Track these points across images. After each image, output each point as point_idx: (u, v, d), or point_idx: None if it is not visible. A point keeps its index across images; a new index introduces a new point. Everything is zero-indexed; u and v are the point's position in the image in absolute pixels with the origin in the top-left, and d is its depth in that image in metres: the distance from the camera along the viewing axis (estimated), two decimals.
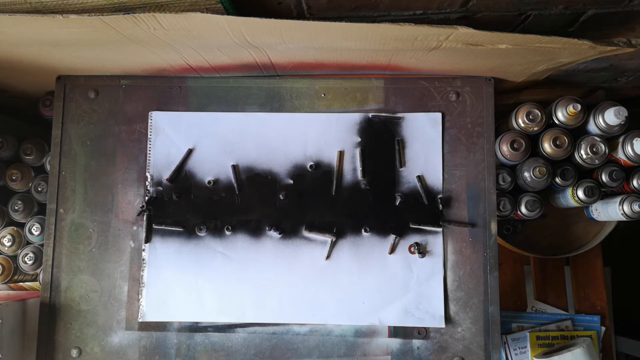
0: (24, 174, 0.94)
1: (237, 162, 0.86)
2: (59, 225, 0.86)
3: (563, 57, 0.74)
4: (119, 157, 0.87)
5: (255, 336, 0.83)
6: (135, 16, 0.62)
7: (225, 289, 0.84)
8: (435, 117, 0.86)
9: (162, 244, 0.85)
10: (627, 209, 0.89)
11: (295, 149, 0.86)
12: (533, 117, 0.86)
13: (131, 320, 0.84)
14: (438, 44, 0.69)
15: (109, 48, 0.75)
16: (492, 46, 0.69)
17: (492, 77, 0.86)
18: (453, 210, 0.84)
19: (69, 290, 0.85)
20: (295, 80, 0.88)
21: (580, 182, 0.90)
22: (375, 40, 0.69)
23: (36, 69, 0.84)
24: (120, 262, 0.85)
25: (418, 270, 0.83)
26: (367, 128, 0.86)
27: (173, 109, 0.88)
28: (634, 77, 0.92)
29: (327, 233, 0.84)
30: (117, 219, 0.86)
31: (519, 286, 1.11)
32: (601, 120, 0.84)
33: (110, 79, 0.89)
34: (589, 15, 0.68)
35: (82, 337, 0.84)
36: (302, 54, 0.78)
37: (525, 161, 0.88)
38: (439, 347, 0.82)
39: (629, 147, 0.84)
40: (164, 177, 0.86)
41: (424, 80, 0.87)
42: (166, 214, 0.86)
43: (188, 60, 0.81)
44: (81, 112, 0.88)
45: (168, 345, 0.83)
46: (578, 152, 0.86)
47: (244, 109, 0.87)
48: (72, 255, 0.86)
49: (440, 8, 0.66)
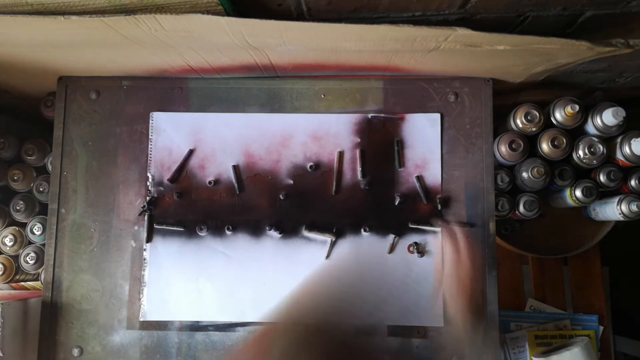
0: (25, 174, 0.94)
1: (238, 163, 0.87)
2: (60, 225, 0.87)
3: (561, 58, 0.75)
4: (121, 157, 0.88)
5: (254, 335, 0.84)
6: (136, 17, 0.62)
7: (225, 289, 0.85)
8: (434, 117, 0.86)
9: (163, 243, 0.86)
10: (625, 209, 0.89)
11: (295, 149, 0.87)
12: (531, 117, 0.86)
13: (132, 319, 0.84)
14: (437, 45, 0.70)
15: (110, 49, 0.75)
16: (490, 47, 0.70)
17: (490, 78, 0.86)
18: (452, 210, 0.84)
19: (70, 289, 0.85)
20: (295, 81, 0.88)
21: (578, 183, 0.90)
22: (374, 42, 0.70)
23: (37, 70, 0.84)
24: (121, 261, 0.86)
25: (417, 270, 0.84)
26: (367, 129, 0.87)
27: (174, 109, 0.88)
28: (632, 78, 0.93)
29: (327, 233, 0.85)
30: (119, 219, 0.86)
31: (517, 286, 1.11)
32: (599, 120, 0.84)
33: (112, 80, 0.89)
34: (587, 17, 0.69)
35: (84, 336, 0.84)
36: (302, 55, 0.78)
37: (524, 161, 0.89)
38: (438, 346, 0.82)
39: (626, 147, 0.85)
40: (165, 177, 0.87)
41: (423, 81, 0.87)
42: (167, 214, 0.86)
43: (189, 62, 0.81)
44: (82, 113, 0.89)
45: (169, 344, 0.84)
46: (576, 153, 0.87)
47: (245, 110, 0.88)
48: (74, 254, 0.86)
49: (439, 9, 0.66)
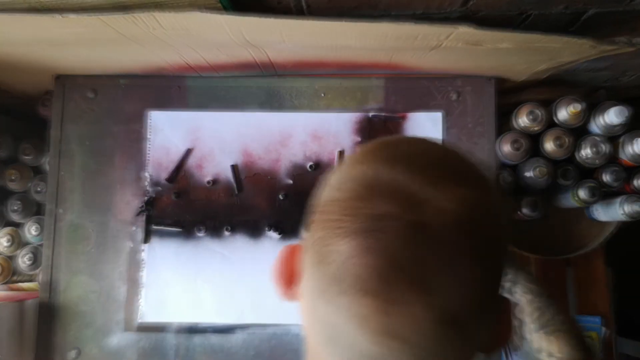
0: (22, 174, 0.93)
1: (237, 162, 0.86)
2: (57, 225, 0.86)
3: (564, 56, 0.74)
4: (118, 157, 0.87)
5: (254, 337, 0.83)
6: (134, 15, 0.61)
7: (224, 290, 0.84)
8: (435, 116, 0.85)
9: (161, 244, 0.85)
10: (628, 209, 0.88)
11: (294, 148, 0.86)
12: (534, 116, 0.85)
13: (130, 321, 0.83)
14: (438, 43, 0.69)
15: (108, 47, 0.75)
16: (492, 45, 0.69)
17: (493, 77, 0.86)
18: None
19: (67, 290, 0.84)
20: (294, 80, 0.87)
21: (581, 182, 0.89)
22: (375, 39, 0.69)
23: (35, 69, 0.83)
24: (118, 262, 0.85)
25: None
26: (368, 128, 0.86)
27: (172, 108, 0.87)
28: (636, 77, 0.92)
29: None
30: (116, 220, 0.85)
31: None
32: (603, 119, 0.83)
33: (109, 79, 0.88)
34: (590, 15, 0.68)
35: (81, 338, 0.83)
36: (302, 52, 0.77)
37: (527, 161, 0.88)
38: None
39: (630, 146, 0.84)
40: (163, 177, 0.86)
41: (425, 80, 0.86)
42: (165, 214, 0.85)
43: (187, 60, 0.80)
44: (80, 112, 0.88)
45: (167, 347, 0.83)
46: (579, 152, 0.86)
47: (243, 109, 0.87)
48: (71, 255, 0.85)
49: (441, 7, 0.66)
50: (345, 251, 0.29)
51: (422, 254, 0.28)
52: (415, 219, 0.29)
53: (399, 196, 0.30)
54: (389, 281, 0.28)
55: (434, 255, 0.28)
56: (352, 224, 0.29)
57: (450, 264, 0.28)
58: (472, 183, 0.32)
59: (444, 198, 0.29)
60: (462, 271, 0.29)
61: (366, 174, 0.32)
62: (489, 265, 0.31)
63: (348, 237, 0.29)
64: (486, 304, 0.31)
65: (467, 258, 0.29)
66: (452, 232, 0.29)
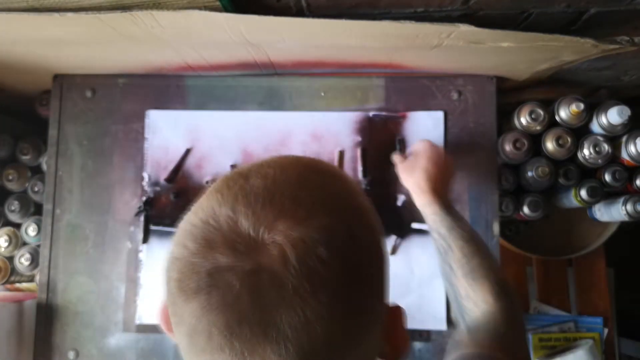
0: (20, 174, 0.93)
1: (236, 162, 0.85)
2: (55, 225, 0.85)
3: (566, 55, 0.74)
4: (116, 156, 0.86)
5: None
6: (132, 14, 0.61)
7: None
8: (437, 116, 0.85)
9: (160, 244, 0.84)
10: (630, 209, 0.88)
11: (294, 148, 0.85)
12: (536, 116, 0.85)
13: (128, 322, 0.83)
14: (439, 41, 0.69)
15: (106, 46, 0.74)
16: (494, 44, 0.69)
17: (494, 76, 0.85)
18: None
19: (65, 291, 0.84)
20: (294, 79, 0.87)
21: (583, 182, 0.89)
22: (375, 38, 0.69)
23: (32, 68, 0.83)
24: (117, 263, 0.84)
25: (420, 272, 0.82)
26: (368, 127, 0.85)
27: (171, 107, 0.87)
28: (637, 76, 0.92)
29: None
30: (114, 220, 0.85)
31: (521, 287, 1.10)
32: (604, 119, 0.83)
33: (108, 78, 0.88)
34: (592, 14, 0.68)
35: (79, 339, 0.83)
36: (302, 52, 0.77)
37: (528, 161, 0.87)
38: (441, 349, 0.81)
39: (632, 146, 0.83)
40: (162, 177, 0.85)
41: (425, 79, 0.86)
42: (164, 215, 0.85)
43: (186, 59, 0.80)
44: (78, 111, 0.87)
45: (166, 347, 0.82)
46: (581, 152, 0.86)
47: (243, 108, 0.86)
48: (69, 256, 0.84)
49: (442, 6, 0.65)
50: (191, 313, 0.29)
51: (262, 300, 0.28)
52: (251, 266, 0.28)
53: (236, 244, 0.29)
54: (239, 334, 0.28)
55: (274, 298, 0.28)
56: (191, 282, 0.29)
57: (291, 304, 0.28)
58: (322, 213, 0.31)
59: (282, 237, 0.29)
60: (306, 308, 0.28)
61: (207, 223, 0.31)
62: (345, 292, 0.30)
63: (190, 298, 0.29)
64: (353, 328, 0.30)
65: (306, 294, 0.28)
66: (285, 273, 0.28)
